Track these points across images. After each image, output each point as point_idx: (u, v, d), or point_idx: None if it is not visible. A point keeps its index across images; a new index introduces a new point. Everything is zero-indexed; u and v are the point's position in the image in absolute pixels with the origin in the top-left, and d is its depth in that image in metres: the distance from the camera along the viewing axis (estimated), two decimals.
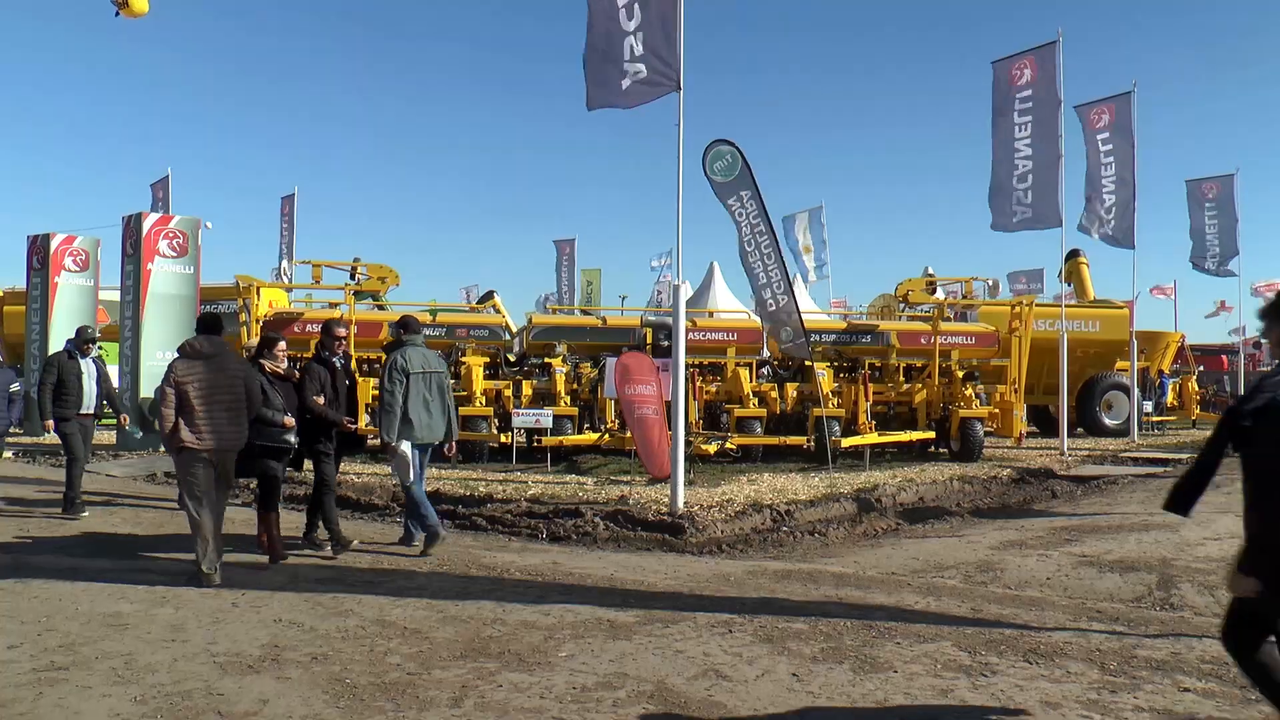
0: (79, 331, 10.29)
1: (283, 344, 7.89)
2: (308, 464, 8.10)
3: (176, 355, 6.91)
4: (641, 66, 9.78)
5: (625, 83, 9.89)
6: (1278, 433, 3.22)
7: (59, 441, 10.12)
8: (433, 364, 8.10)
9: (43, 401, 9.65)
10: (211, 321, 7.31)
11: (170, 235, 15.68)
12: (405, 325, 8.31)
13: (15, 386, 9.39)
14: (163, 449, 14.84)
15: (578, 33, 10.16)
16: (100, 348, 10.69)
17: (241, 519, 9.64)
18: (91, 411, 10.01)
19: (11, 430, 11.62)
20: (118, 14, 11.50)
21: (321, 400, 7.74)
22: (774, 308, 13.51)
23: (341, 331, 8.26)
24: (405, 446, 7.77)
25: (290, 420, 7.50)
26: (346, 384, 8.12)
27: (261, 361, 7.65)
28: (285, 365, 7.88)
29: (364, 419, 10.01)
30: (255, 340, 12.62)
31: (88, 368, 9.95)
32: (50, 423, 9.69)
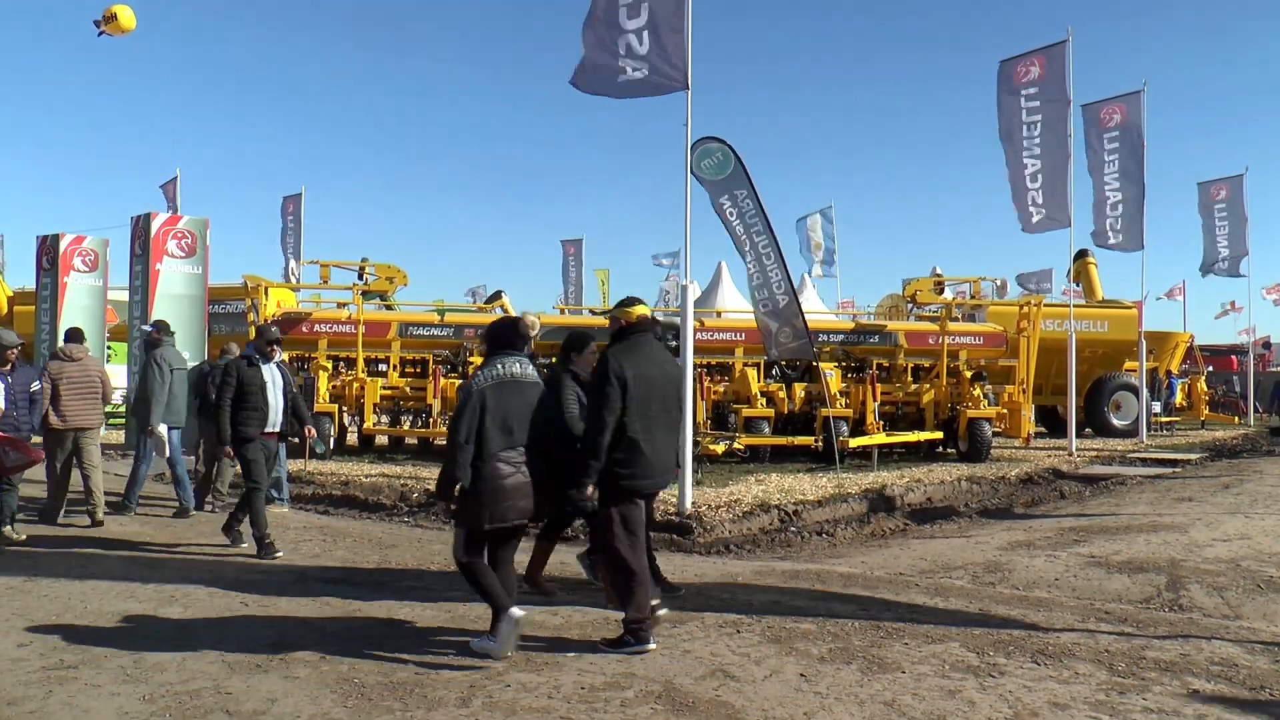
0: (260, 331, 8.51)
1: (594, 346, 6.24)
2: None
3: (50, 358, 8.98)
4: (644, 65, 9.74)
5: (622, 79, 9.85)
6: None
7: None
8: (182, 360, 10.15)
9: (222, 422, 7.88)
10: (76, 333, 9.38)
11: (179, 235, 15.70)
12: (159, 328, 10.17)
13: (36, 386, 8.80)
14: None
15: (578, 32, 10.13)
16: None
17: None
18: (278, 430, 8.19)
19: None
20: (100, 34, 11.21)
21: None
22: (771, 308, 13.42)
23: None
24: (163, 429, 9.57)
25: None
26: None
27: (572, 369, 6.19)
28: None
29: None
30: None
31: (271, 375, 8.10)
32: (229, 448, 8.00)
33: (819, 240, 31.24)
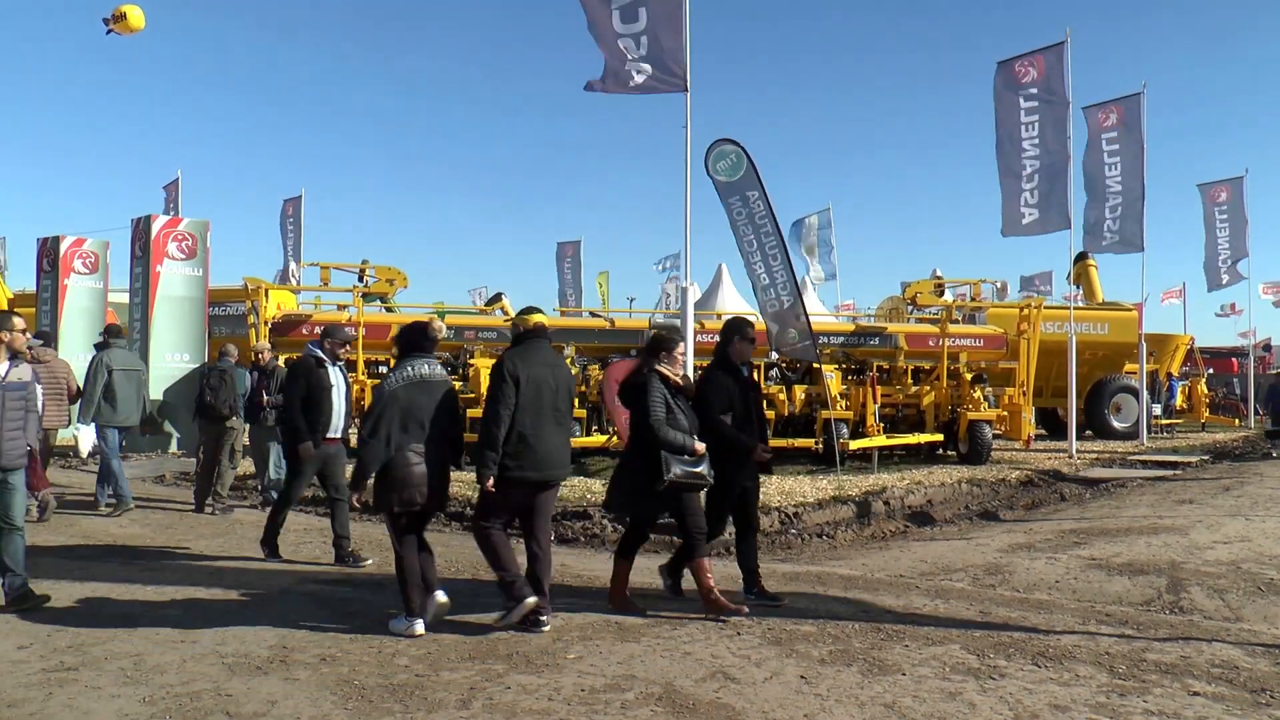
0: (331, 330, 7.79)
1: (682, 345, 6.20)
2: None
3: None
4: (647, 67, 9.78)
5: (628, 80, 9.89)
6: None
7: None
8: (134, 363, 10.22)
9: (296, 422, 7.40)
10: (43, 335, 10.29)
11: (179, 237, 15.73)
12: (109, 331, 10.40)
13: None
14: (173, 450, 14.92)
15: (581, 39, 10.19)
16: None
17: (251, 519, 9.68)
18: (339, 436, 7.68)
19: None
20: (109, 31, 11.17)
21: (728, 420, 6.20)
22: (778, 309, 13.45)
23: (753, 333, 6.60)
24: (91, 428, 9.82)
25: (701, 446, 5.90)
26: (752, 398, 6.46)
27: (659, 369, 5.94)
28: (683, 374, 6.16)
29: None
30: (265, 343, 12.65)
31: (336, 378, 7.60)
32: (309, 445, 7.38)
33: (811, 244, 31.26)
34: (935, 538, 9.61)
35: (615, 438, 14.46)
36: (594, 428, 15.14)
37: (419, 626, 5.46)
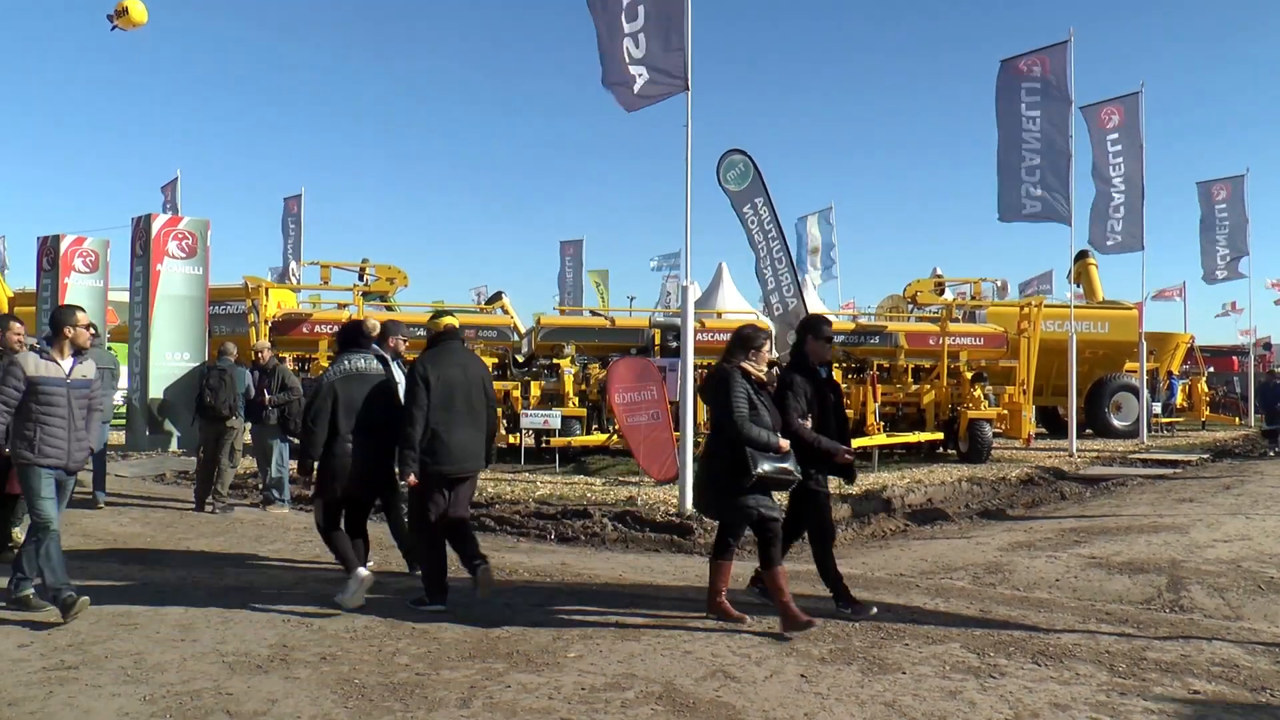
0: (387, 327, 7.11)
1: (769, 343, 5.95)
2: None
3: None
4: (644, 69, 9.75)
5: (632, 85, 9.88)
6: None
7: None
8: (105, 360, 10.01)
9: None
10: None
11: (179, 236, 15.73)
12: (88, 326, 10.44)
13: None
14: (173, 449, 14.93)
15: (580, 39, 10.18)
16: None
17: (251, 518, 9.68)
18: None
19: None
20: (113, 28, 11.14)
21: (808, 423, 5.95)
22: (783, 311, 13.57)
23: (829, 331, 6.35)
24: None
25: (786, 443, 5.65)
26: (832, 400, 6.21)
27: (743, 365, 5.72)
28: (766, 371, 5.91)
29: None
30: (264, 341, 12.66)
31: (398, 377, 6.54)
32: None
33: (815, 245, 31.27)
34: (935, 536, 9.61)
35: (615, 436, 14.47)
36: (594, 426, 15.13)
37: (363, 571, 5.98)
